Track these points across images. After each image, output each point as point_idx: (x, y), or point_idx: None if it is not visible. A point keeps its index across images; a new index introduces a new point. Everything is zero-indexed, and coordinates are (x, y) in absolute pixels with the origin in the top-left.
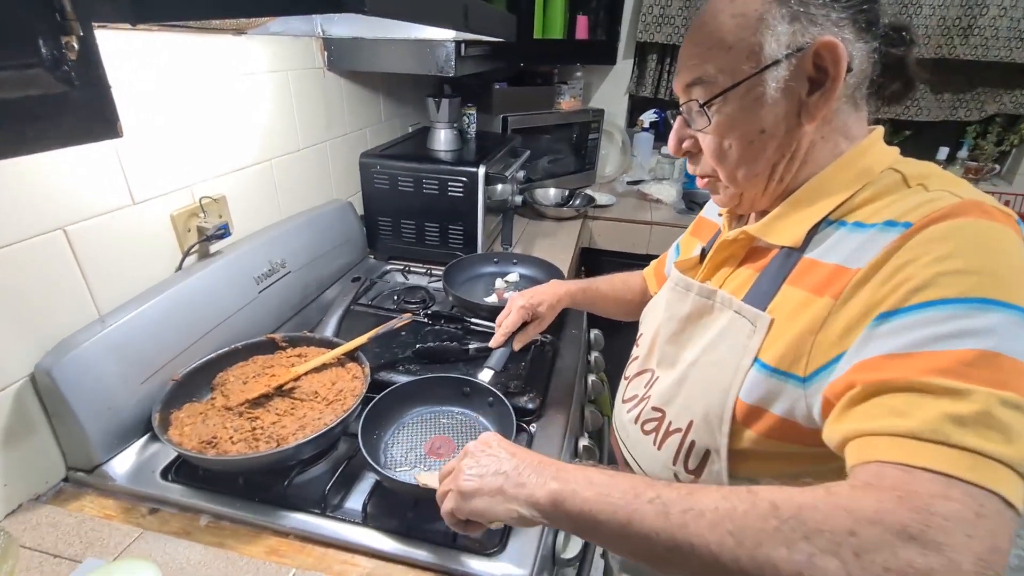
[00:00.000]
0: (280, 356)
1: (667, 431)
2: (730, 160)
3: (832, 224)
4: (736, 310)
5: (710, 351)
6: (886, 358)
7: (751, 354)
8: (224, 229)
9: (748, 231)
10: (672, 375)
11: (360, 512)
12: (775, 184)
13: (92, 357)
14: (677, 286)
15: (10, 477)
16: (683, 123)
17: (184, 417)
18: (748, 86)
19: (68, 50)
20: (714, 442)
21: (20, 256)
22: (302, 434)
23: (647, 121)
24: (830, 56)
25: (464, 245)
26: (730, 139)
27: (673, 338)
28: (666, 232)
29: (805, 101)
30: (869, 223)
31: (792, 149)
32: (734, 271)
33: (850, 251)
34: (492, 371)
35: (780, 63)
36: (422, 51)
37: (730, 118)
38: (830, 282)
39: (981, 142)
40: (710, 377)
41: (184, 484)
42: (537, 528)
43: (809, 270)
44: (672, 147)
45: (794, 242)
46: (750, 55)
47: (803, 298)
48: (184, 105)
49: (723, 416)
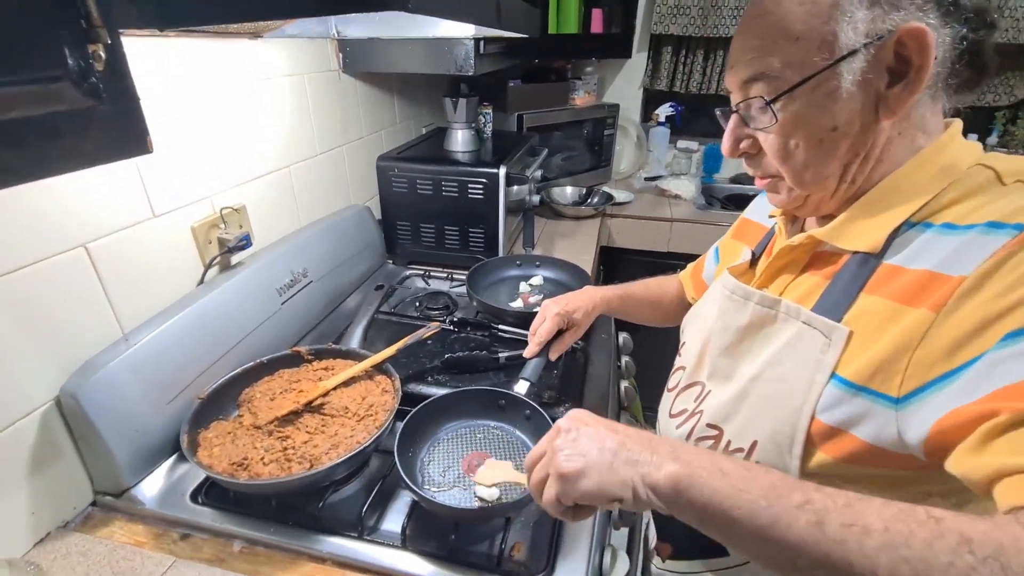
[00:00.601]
0: (307, 370)
1: (726, 450)
2: (797, 161)
3: (915, 227)
4: (805, 321)
5: (774, 365)
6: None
7: (827, 370)
8: (246, 240)
9: (816, 236)
10: (729, 390)
11: (399, 535)
12: (846, 186)
13: (117, 378)
14: (734, 294)
15: (38, 505)
16: (739, 122)
17: (212, 437)
18: (819, 80)
19: (95, 60)
20: (783, 464)
21: (42, 276)
22: (335, 453)
23: (663, 115)
24: (915, 44)
25: (485, 248)
26: (797, 138)
27: (728, 350)
28: (687, 228)
29: (884, 94)
30: (964, 224)
31: (867, 147)
32: (796, 278)
33: (945, 255)
34: (528, 383)
35: (857, 53)
36: (440, 50)
37: (798, 116)
38: (924, 291)
39: (1011, 127)
40: (777, 394)
41: (215, 507)
42: (585, 549)
43: (892, 277)
44: (728, 149)
45: (873, 247)
46: (822, 45)
47: (890, 309)
48: (201, 112)
49: (795, 437)
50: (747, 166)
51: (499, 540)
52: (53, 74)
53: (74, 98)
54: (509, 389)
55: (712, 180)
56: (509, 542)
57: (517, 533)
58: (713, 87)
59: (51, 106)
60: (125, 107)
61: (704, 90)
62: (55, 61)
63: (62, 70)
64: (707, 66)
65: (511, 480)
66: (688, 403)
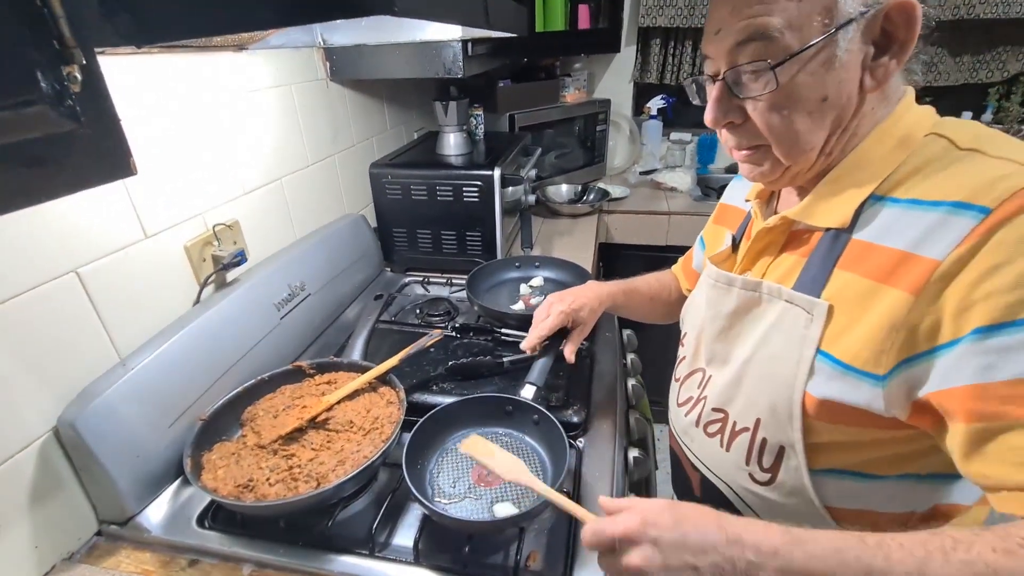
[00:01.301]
0: (309, 384)
1: (733, 431)
2: (788, 131)
3: (880, 200)
4: (788, 299)
5: (764, 345)
6: (1015, 384)
7: (812, 344)
8: (240, 256)
9: (789, 216)
10: (727, 373)
11: (411, 550)
12: (824, 158)
13: (116, 404)
14: (718, 282)
15: (41, 538)
16: (725, 91)
17: (216, 459)
18: (820, 46)
19: (71, 82)
20: (787, 437)
21: (33, 304)
22: (342, 470)
23: (655, 108)
24: (903, 18)
25: (483, 251)
26: (789, 107)
27: (721, 335)
28: (685, 221)
29: (871, 66)
30: (929, 200)
31: (848, 119)
32: (775, 259)
33: (916, 235)
34: (535, 387)
35: (852, 22)
36: (428, 53)
37: (794, 84)
38: (899, 271)
39: (1005, 103)
40: (770, 372)
41: (222, 531)
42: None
43: (865, 254)
44: (712, 119)
45: (841, 223)
46: (823, 10)
47: (866, 287)
48: (188, 129)
49: (792, 411)
50: (727, 137)
51: (514, 550)
52: (27, 99)
53: (51, 123)
54: (515, 394)
55: (707, 171)
56: (524, 551)
57: (532, 542)
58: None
59: (27, 132)
60: (105, 129)
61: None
62: (28, 85)
63: (36, 94)
64: (696, 56)
65: (528, 484)
66: (692, 390)
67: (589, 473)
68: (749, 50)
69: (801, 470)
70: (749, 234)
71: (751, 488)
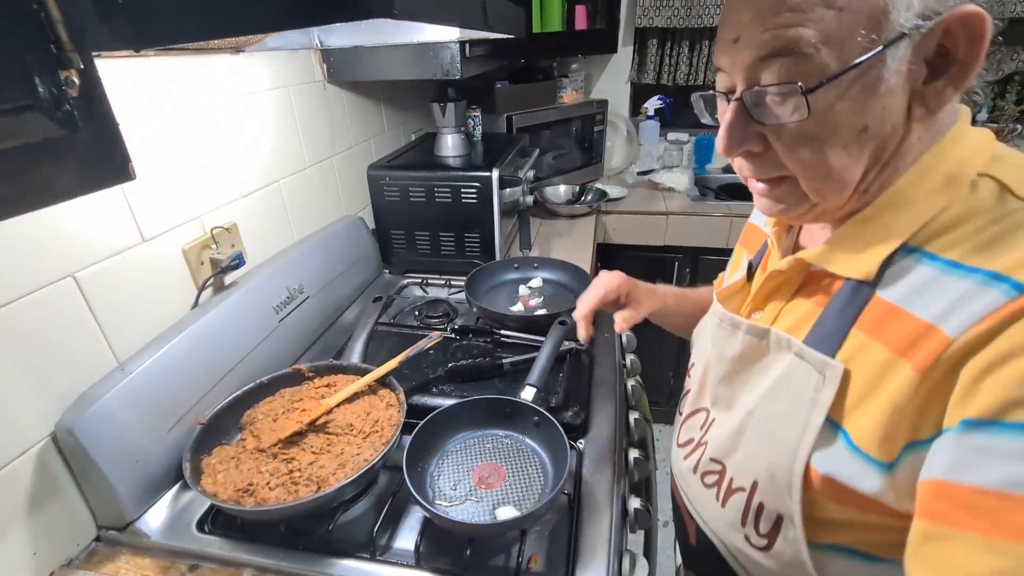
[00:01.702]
0: (308, 387)
1: (729, 488)
2: (818, 167)
3: (913, 253)
4: (797, 353)
5: (770, 400)
6: (974, 492)
7: (822, 410)
8: (238, 259)
9: (806, 260)
10: (729, 422)
11: (413, 553)
12: (858, 196)
13: (114, 409)
14: (722, 322)
15: (39, 544)
16: (742, 113)
17: (216, 463)
18: (864, 67)
19: (68, 86)
20: (785, 507)
21: (31, 309)
22: (343, 473)
23: (652, 108)
24: (967, 32)
25: (482, 253)
26: (821, 140)
27: (726, 380)
28: (683, 221)
29: (921, 91)
30: (968, 264)
31: (891, 153)
32: (789, 302)
33: (946, 306)
34: (534, 389)
35: (905, 37)
36: (425, 55)
37: (830, 109)
38: (916, 344)
39: (1000, 103)
40: (772, 432)
41: (222, 535)
42: (604, 556)
43: (888, 319)
44: (725, 146)
45: (866, 275)
46: (871, 22)
47: (884, 359)
48: (186, 131)
49: (792, 481)
50: (741, 164)
51: (515, 552)
52: (23, 104)
53: (48, 128)
54: (515, 396)
55: (704, 171)
56: (526, 554)
57: (533, 544)
58: (700, 78)
59: (23, 138)
60: (104, 134)
61: (691, 81)
62: (24, 90)
63: (32, 99)
64: (693, 57)
65: None
66: (694, 431)
67: (590, 474)
68: (775, 67)
69: (800, 543)
70: (765, 265)
71: (746, 551)
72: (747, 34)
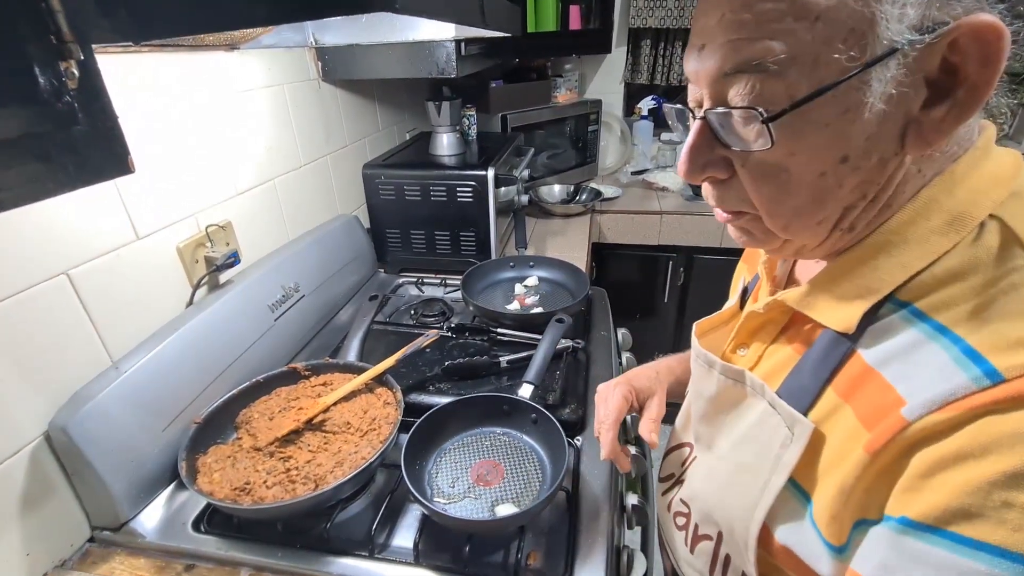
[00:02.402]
0: (304, 386)
1: (696, 535)
2: (786, 198)
3: (901, 310)
4: (770, 402)
5: (739, 448)
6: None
7: (784, 472)
8: (234, 257)
9: (786, 302)
10: (707, 463)
11: (411, 551)
12: (840, 234)
13: (109, 408)
14: (698, 359)
15: (32, 545)
16: (706, 133)
17: (212, 462)
18: (840, 89)
19: (68, 78)
20: (746, 566)
21: (23, 306)
22: (340, 472)
23: (645, 108)
24: (977, 49)
25: (477, 252)
26: (791, 166)
27: (704, 419)
28: (677, 220)
29: (917, 119)
30: (954, 331)
31: (879, 188)
32: (772, 343)
33: (920, 380)
34: (532, 386)
35: (897, 53)
36: (421, 53)
37: (800, 136)
38: (882, 418)
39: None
40: (735, 485)
41: (219, 535)
42: (602, 552)
43: (862, 382)
44: (687, 171)
45: (844, 327)
46: (852, 36)
47: (852, 428)
48: (180, 129)
49: (747, 542)
50: (708, 192)
51: (514, 549)
52: (22, 95)
53: (47, 120)
54: (513, 393)
55: None
56: (524, 551)
57: (532, 541)
58: None
59: (22, 129)
60: (103, 126)
61: (685, 82)
62: (24, 81)
63: (33, 90)
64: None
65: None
66: (675, 467)
67: (588, 471)
68: (741, 84)
69: None
70: (756, 295)
71: None
72: (712, 42)
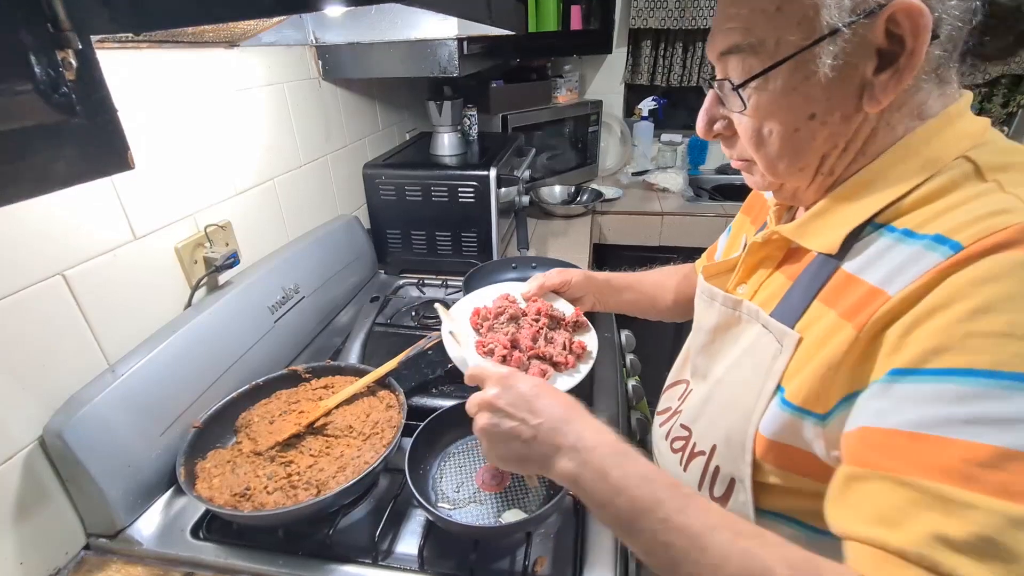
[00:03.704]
0: (305, 389)
1: (692, 452)
2: (771, 149)
3: (879, 229)
4: (764, 324)
5: (736, 368)
6: (891, 433)
7: (775, 378)
8: (233, 258)
9: (781, 233)
10: (701, 390)
11: (416, 558)
12: (823, 177)
13: (105, 412)
14: (703, 294)
15: (26, 554)
16: (716, 100)
17: (211, 467)
18: (796, 63)
19: (65, 68)
20: (738, 471)
21: (17, 308)
22: (343, 477)
23: (646, 109)
24: (909, 24)
25: (479, 252)
26: (771, 124)
27: (704, 349)
28: (677, 221)
29: (870, 81)
30: (920, 232)
31: (847, 138)
32: (770, 276)
33: (890, 269)
34: None
35: (840, 32)
36: (423, 52)
37: (772, 100)
38: (862, 307)
39: (987, 105)
40: (733, 398)
41: (218, 542)
42: (610, 557)
43: (844, 287)
44: (701, 129)
45: (830, 247)
46: (801, 21)
47: (833, 323)
48: (179, 127)
49: (744, 444)
50: (723, 147)
51: (521, 555)
52: (17, 86)
53: (43, 112)
54: None
55: (698, 171)
56: (532, 557)
57: (539, 547)
58: (694, 79)
59: (18, 121)
60: (102, 120)
61: (685, 83)
62: (19, 71)
63: (28, 81)
64: (687, 58)
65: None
66: (672, 401)
67: None
68: (731, 63)
69: (748, 508)
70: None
71: None
72: (715, 30)
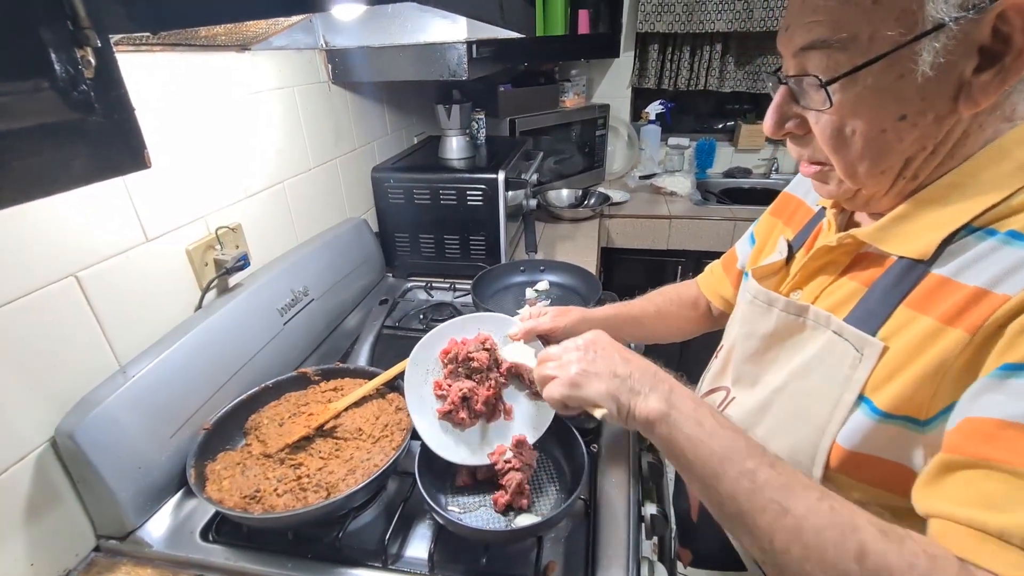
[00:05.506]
0: (314, 391)
1: None
2: (852, 151)
3: (976, 232)
4: (836, 331)
5: (801, 377)
6: (1000, 424)
7: (855, 388)
8: (243, 260)
9: (859, 236)
10: (753, 399)
11: (426, 562)
12: (904, 182)
13: (116, 414)
14: (756, 299)
15: (37, 555)
16: (788, 96)
17: (221, 469)
18: (892, 60)
19: (84, 66)
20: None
21: (30, 309)
22: (353, 479)
23: (653, 113)
24: (1021, 21)
25: (487, 256)
26: (855, 124)
27: (753, 357)
28: (685, 224)
29: (969, 81)
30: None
31: (937, 141)
32: (835, 281)
33: (999, 270)
34: None
35: (945, 28)
36: (432, 56)
37: (860, 99)
38: (967, 309)
39: None
40: (801, 408)
41: (228, 544)
42: (622, 563)
43: (939, 291)
44: (769, 127)
45: (922, 253)
46: (902, 16)
47: (930, 328)
48: (191, 129)
49: (815, 458)
50: (791, 148)
51: (532, 560)
52: (37, 83)
53: (63, 109)
54: None
55: (705, 175)
56: (543, 562)
57: (550, 551)
58: (701, 83)
59: (37, 118)
60: (119, 118)
61: (692, 86)
62: (39, 68)
63: (48, 78)
64: (694, 62)
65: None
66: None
67: (605, 479)
68: (814, 57)
69: None
70: (812, 244)
71: None
72: (793, 23)
